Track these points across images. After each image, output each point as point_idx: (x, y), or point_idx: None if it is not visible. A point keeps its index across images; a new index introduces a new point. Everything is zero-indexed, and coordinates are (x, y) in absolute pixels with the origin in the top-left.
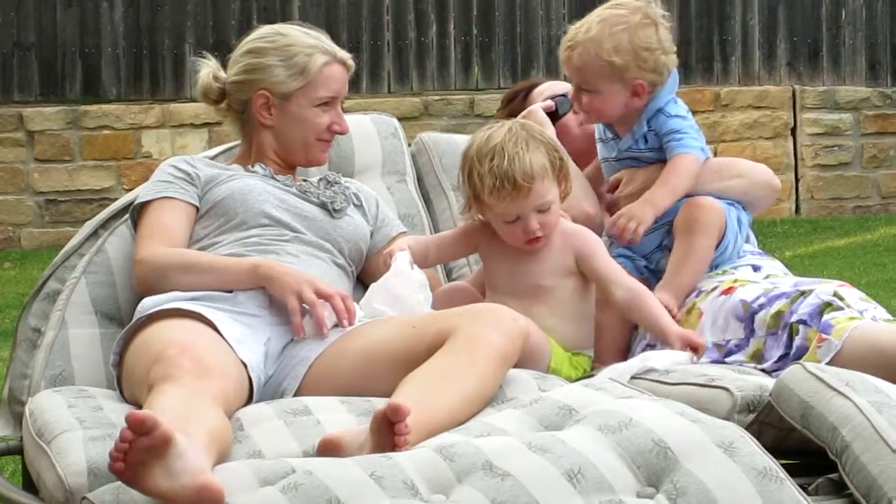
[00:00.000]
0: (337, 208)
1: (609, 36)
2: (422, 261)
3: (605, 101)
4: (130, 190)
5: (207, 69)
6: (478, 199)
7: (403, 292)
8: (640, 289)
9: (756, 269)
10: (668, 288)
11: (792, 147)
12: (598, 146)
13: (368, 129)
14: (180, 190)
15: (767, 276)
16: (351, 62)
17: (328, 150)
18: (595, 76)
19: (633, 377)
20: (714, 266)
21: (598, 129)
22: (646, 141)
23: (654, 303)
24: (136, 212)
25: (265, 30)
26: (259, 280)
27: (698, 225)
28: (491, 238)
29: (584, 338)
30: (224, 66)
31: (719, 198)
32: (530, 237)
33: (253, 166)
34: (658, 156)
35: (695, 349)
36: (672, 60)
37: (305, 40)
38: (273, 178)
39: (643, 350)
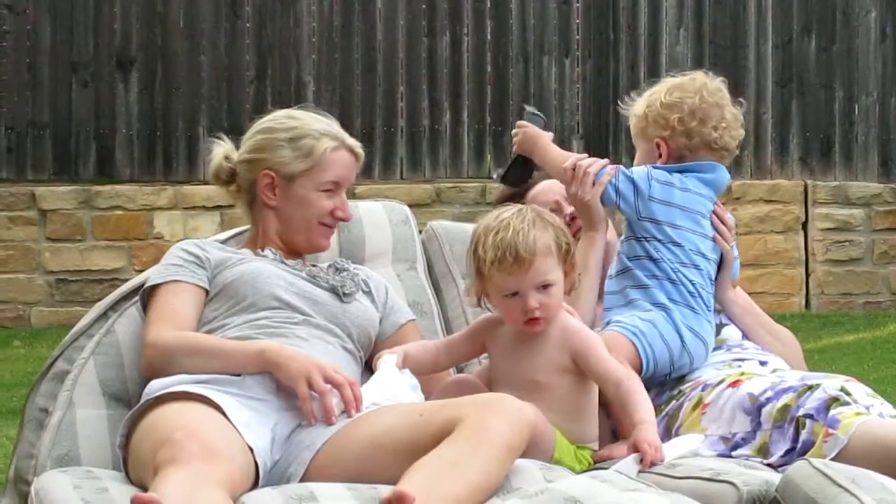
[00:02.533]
0: (347, 293)
1: (647, 97)
2: (432, 366)
3: (638, 159)
4: (141, 271)
5: (221, 149)
6: (480, 273)
7: (397, 390)
8: (630, 383)
9: (763, 363)
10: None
11: (803, 241)
12: None
13: (380, 217)
14: (190, 273)
15: (775, 371)
16: (360, 151)
17: (330, 236)
18: (634, 135)
19: (640, 471)
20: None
21: None
22: None
23: (637, 399)
24: (146, 295)
25: (278, 112)
26: (266, 365)
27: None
28: (495, 332)
29: (587, 432)
30: (238, 148)
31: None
32: (528, 316)
33: (263, 250)
34: None
35: (645, 459)
36: (721, 139)
37: (315, 125)
38: (283, 262)
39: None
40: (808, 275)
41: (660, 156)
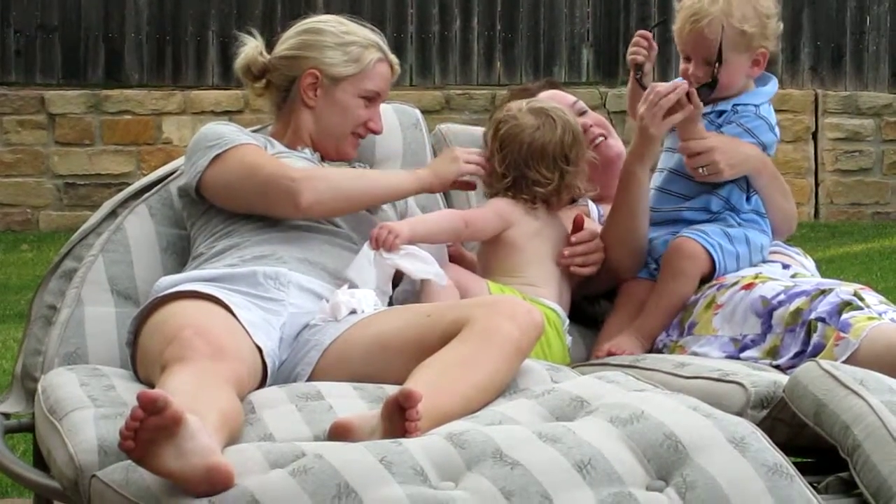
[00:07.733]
0: None
1: (738, 5)
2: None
3: (732, 71)
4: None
5: (255, 43)
6: None
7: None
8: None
9: (786, 266)
10: (633, 332)
11: (813, 151)
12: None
13: (390, 120)
14: (251, 137)
15: (795, 275)
16: (398, 67)
17: (357, 147)
18: (725, 46)
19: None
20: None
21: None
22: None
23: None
24: (207, 167)
25: (325, 16)
26: (423, 187)
27: (677, 272)
28: None
29: (549, 294)
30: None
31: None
32: None
33: (301, 149)
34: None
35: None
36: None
37: (365, 33)
38: (321, 164)
39: (664, 345)
40: (817, 185)
41: (756, 64)
